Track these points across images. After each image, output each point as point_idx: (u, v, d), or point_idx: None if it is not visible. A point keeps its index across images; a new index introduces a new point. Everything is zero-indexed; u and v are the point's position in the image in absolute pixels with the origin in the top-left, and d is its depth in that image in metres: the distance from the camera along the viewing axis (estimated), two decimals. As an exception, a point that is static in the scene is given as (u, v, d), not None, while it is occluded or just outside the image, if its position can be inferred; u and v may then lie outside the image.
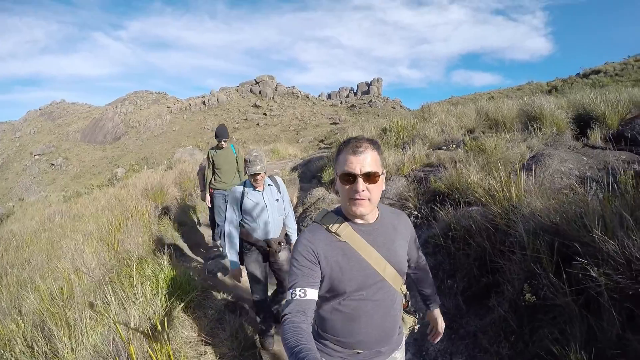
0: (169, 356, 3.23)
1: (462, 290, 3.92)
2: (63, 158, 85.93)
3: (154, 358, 3.07)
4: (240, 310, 4.74)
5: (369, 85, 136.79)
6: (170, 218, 8.45)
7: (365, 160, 1.64)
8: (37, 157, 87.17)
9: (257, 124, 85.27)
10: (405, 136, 10.53)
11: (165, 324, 3.42)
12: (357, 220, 1.80)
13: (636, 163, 5.38)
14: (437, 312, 2.28)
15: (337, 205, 1.97)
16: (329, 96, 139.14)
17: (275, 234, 4.06)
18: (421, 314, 2.24)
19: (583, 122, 8.10)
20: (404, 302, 2.03)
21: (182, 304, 4.16)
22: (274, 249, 4.05)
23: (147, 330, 3.47)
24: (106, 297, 4.07)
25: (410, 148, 8.33)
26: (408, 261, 2.06)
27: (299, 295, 1.62)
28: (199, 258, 7.17)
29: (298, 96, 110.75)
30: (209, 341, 3.97)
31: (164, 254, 4.93)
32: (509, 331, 3.11)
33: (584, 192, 3.48)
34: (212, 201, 6.77)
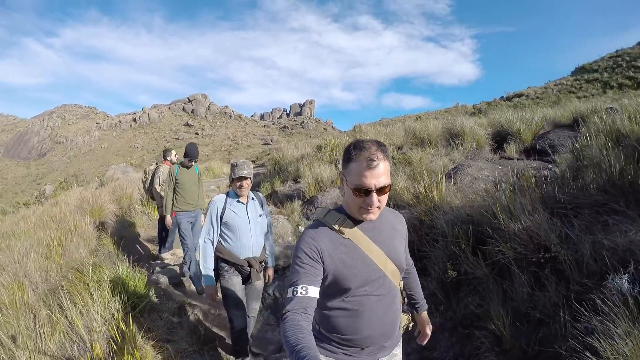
0: (133, 354, 3.36)
1: (396, 277, 4.48)
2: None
3: (121, 354, 3.26)
4: (193, 310, 4.94)
5: (301, 106, 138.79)
6: (110, 233, 8.41)
7: (380, 174, 1.63)
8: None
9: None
10: (337, 153, 11.26)
11: (130, 322, 3.59)
12: (358, 218, 1.80)
13: (545, 169, 6.19)
14: (424, 315, 2.31)
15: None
16: (262, 117, 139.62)
17: (256, 252, 3.78)
18: (414, 312, 2.29)
19: (501, 138, 9.10)
20: (401, 299, 2.04)
21: (141, 306, 4.31)
22: (256, 269, 3.76)
23: (112, 329, 3.60)
24: (62, 304, 4.09)
25: (344, 163, 8.99)
26: None
27: (301, 293, 1.62)
28: (143, 270, 7.25)
29: (231, 116, 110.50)
30: (169, 338, 4.15)
31: (116, 263, 5.01)
32: (439, 303, 3.73)
33: (495, 190, 4.17)
34: (176, 223, 6.19)
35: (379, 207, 1.70)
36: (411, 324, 2.25)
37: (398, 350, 2.02)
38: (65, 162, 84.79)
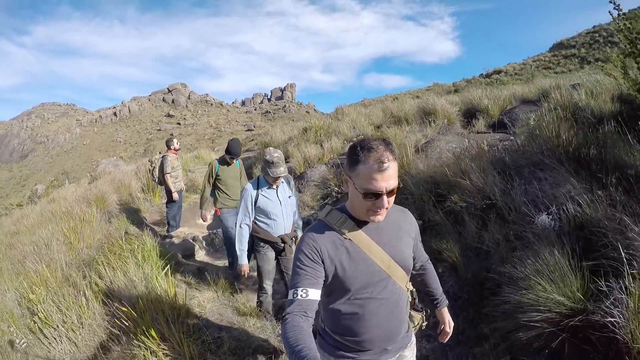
0: (175, 301, 4.19)
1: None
2: (-34, 180, 79.45)
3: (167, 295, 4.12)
4: (210, 271, 5.79)
5: (282, 90, 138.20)
6: (118, 219, 9.08)
7: (391, 177, 1.59)
8: None
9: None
10: (322, 134, 12.21)
11: (169, 271, 4.48)
12: (363, 219, 1.78)
13: (506, 140, 7.09)
14: (444, 312, 2.28)
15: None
16: (243, 103, 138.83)
17: (288, 229, 4.16)
18: (429, 311, 2.26)
19: (471, 114, 10.06)
20: (410, 300, 2.02)
21: (167, 268, 5.12)
22: (289, 244, 4.13)
23: (153, 281, 4.44)
24: (100, 273, 4.93)
25: (328, 142, 10.08)
26: (413, 259, 2.03)
27: (301, 296, 1.62)
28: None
29: (212, 104, 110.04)
30: (195, 287, 5.13)
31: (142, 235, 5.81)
32: None
33: (453, 156, 5.16)
34: (221, 220, 5.93)
35: (386, 208, 1.67)
36: (425, 323, 2.19)
37: (407, 352, 2.01)
38: (48, 161, 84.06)
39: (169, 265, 4.97)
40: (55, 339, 4.00)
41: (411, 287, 1.98)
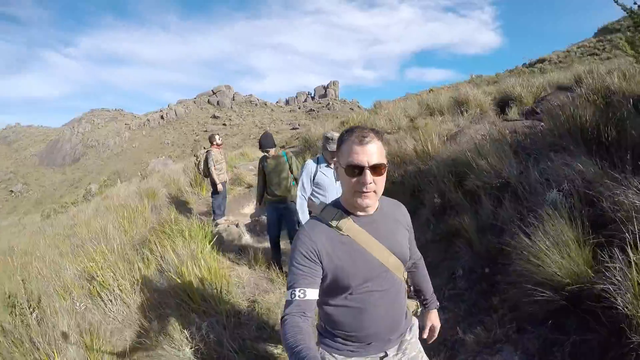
0: (216, 271, 4.72)
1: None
2: (22, 184, 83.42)
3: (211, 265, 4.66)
4: (249, 250, 6.32)
5: (325, 88, 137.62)
6: (168, 209, 9.73)
7: (373, 151, 1.60)
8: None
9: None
10: (360, 128, 12.55)
11: (212, 248, 5.09)
12: (358, 213, 1.77)
13: (535, 127, 7.23)
14: (434, 314, 2.25)
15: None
16: (287, 102, 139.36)
17: None
18: (422, 296, 2.25)
19: (504, 103, 10.13)
20: (406, 288, 2.02)
21: (212, 243, 5.69)
22: None
23: (199, 256, 4.95)
24: (152, 249, 5.52)
25: (363, 135, 10.52)
26: None
27: (299, 296, 1.60)
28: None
29: (256, 104, 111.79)
30: (236, 262, 5.73)
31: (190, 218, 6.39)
32: (430, 224, 5.03)
33: (478, 141, 5.45)
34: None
35: (375, 192, 1.66)
36: (419, 309, 2.20)
37: (409, 336, 2.00)
38: (100, 164, 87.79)
39: (211, 243, 5.55)
40: (111, 301, 4.57)
41: (406, 276, 1.97)
